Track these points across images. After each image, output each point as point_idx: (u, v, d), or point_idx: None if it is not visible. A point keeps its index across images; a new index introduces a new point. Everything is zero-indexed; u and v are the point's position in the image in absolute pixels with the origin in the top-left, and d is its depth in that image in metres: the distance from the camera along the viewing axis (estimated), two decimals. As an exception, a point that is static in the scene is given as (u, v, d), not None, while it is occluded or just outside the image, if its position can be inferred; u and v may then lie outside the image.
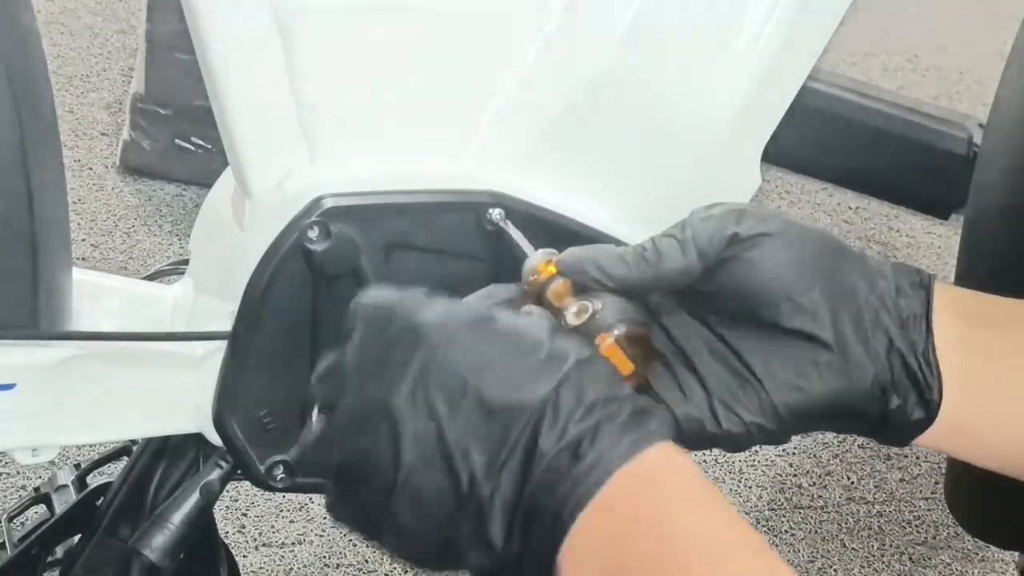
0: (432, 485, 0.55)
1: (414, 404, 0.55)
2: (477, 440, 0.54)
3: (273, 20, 0.65)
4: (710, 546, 0.53)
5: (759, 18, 0.73)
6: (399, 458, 0.55)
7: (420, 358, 0.56)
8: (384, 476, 0.56)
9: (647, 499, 0.54)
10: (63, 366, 0.67)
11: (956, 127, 1.97)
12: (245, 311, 0.68)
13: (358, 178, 0.69)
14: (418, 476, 0.55)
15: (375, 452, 0.56)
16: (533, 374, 0.56)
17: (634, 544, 0.53)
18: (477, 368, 0.55)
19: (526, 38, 0.70)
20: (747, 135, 0.76)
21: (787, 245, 0.64)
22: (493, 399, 0.55)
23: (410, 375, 0.56)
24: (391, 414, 0.55)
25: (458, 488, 0.55)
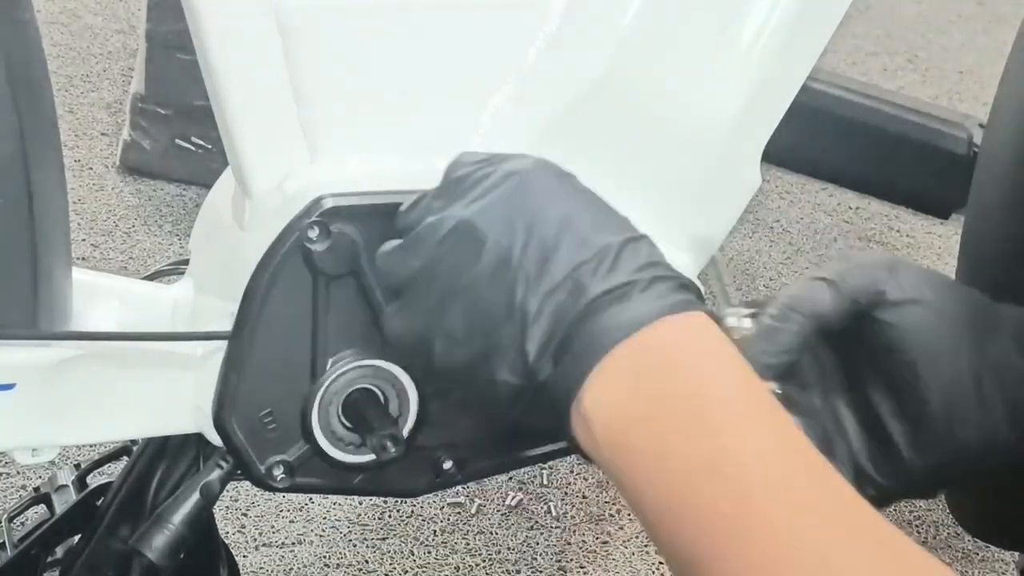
0: (491, 295, 0.59)
1: (494, 220, 0.60)
2: (540, 263, 0.59)
3: (273, 20, 0.65)
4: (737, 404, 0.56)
5: (759, 18, 0.73)
6: (472, 268, 0.60)
7: (508, 182, 0.61)
8: (452, 282, 0.60)
9: (683, 350, 0.58)
10: (63, 366, 0.67)
11: (956, 127, 1.97)
12: (245, 311, 0.68)
13: (358, 178, 0.69)
14: (482, 285, 0.60)
15: (451, 261, 0.61)
16: (607, 224, 0.61)
17: (661, 387, 0.56)
18: (561, 208, 0.60)
19: (526, 38, 0.70)
20: (747, 135, 0.76)
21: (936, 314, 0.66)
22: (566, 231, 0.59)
23: (495, 196, 0.61)
24: (475, 228, 0.60)
25: (512, 299, 0.59)
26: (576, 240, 0.59)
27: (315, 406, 0.70)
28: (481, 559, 1.46)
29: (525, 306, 0.59)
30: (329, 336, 0.69)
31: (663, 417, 0.56)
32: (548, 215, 0.60)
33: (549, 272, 0.59)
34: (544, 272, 0.59)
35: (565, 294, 0.58)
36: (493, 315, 0.59)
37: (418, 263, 0.62)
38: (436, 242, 0.61)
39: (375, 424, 0.69)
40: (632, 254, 0.60)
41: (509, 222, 0.60)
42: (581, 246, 0.59)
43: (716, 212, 0.78)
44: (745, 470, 0.54)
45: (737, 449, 0.54)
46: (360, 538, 1.46)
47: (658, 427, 0.56)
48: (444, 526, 1.49)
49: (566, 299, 0.58)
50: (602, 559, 1.50)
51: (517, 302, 0.59)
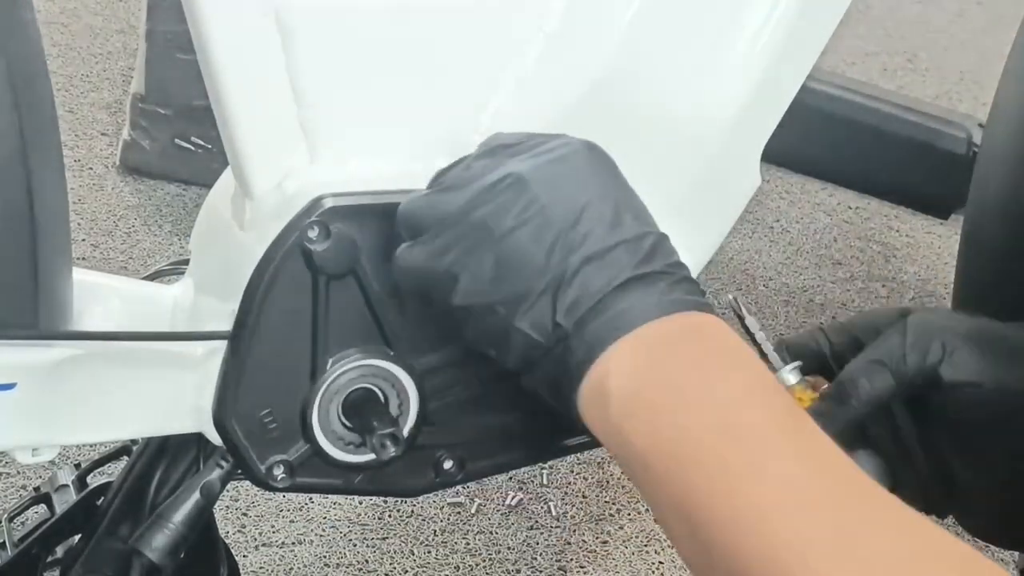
0: (530, 247, 0.61)
1: (549, 183, 0.62)
2: (585, 232, 0.61)
3: (273, 20, 0.65)
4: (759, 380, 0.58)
5: (759, 18, 0.73)
6: (516, 218, 0.61)
7: (567, 153, 0.63)
8: (493, 226, 0.61)
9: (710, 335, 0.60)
10: (63, 366, 0.67)
11: (956, 127, 1.96)
12: (245, 311, 0.68)
13: (358, 178, 0.69)
14: (523, 236, 0.61)
15: (496, 206, 0.62)
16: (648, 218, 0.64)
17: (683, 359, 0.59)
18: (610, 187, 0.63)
19: (526, 38, 0.70)
20: (747, 135, 0.76)
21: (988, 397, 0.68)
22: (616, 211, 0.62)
23: (547, 157, 0.63)
24: (527, 182, 0.62)
25: (550, 257, 0.61)
26: (622, 220, 0.62)
27: (315, 406, 0.70)
28: (481, 559, 1.46)
29: (563, 265, 0.60)
30: (329, 336, 0.70)
31: (680, 384, 0.58)
32: (599, 190, 0.62)
33: (591, 241, 0.61)
34: (587, 240, 0.61)
35: (602, 265, 0.60)
36: (528, 266, 0.61)
37: (459, 202, 0.63)
38: (483, 187, 0.62)
39: (375, 424, 0.69)
40: (666, 250, 0.62)
41: (562, 186, 0.62)
42: (625, 227, 0.61)
43: (716, 212, 0.78)
44: (758, 433, 0.56)
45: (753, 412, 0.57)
46: (360, 538, 1.46)
47: (674, 392, 0.58)
48: (444, 526, 1.49)
49: (603, 270, 0.60)
50: (602, 559, 1.50)
51: (555, 260, 0.60)
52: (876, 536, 0.51)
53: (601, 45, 0.71)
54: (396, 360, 0.71)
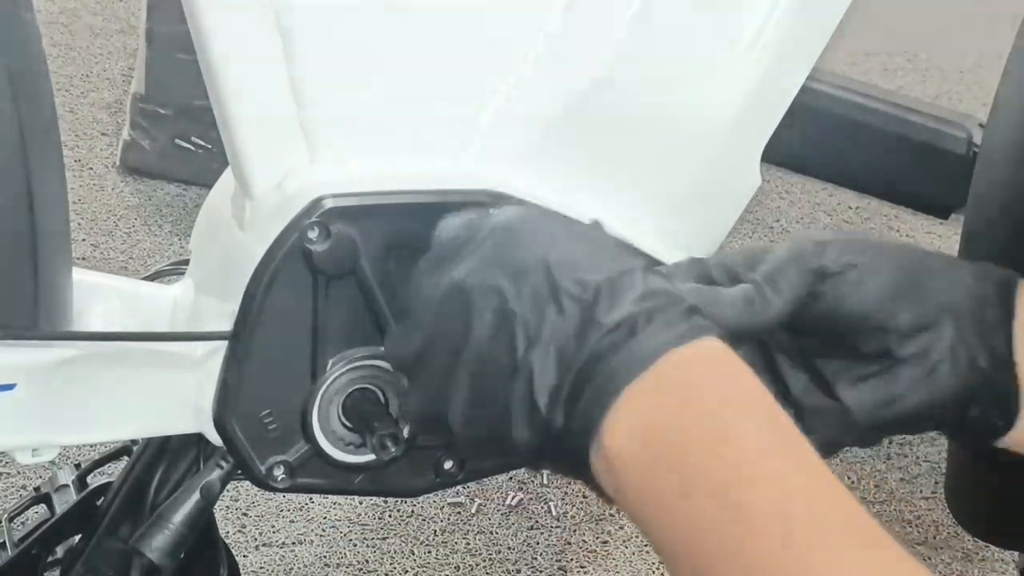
0: (495, 356, 0.58)
1: (484, 279, 0.59)
2: (536, 312, 0.57)
3: (273, 20, 0.65)
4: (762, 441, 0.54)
5: (759, 18, 0.73)
6: (471, 333, 0.58)
7: (493, 237, 0.60)
8: (455, 351, 0.59)
9: (698, 382, 0.56)
10: (63, 366, 0.67)
11: (956, 127, 1.97)
12: (245, 311, 0.68)
13: (358, 178, 0.69)
14: (484, 348, 0.58)
15: (450, 330, 0.59)
16: (599, 260, 0.59)
17: (680, 424, 0.54)
18: (550, 251, 0.59)
19: (526, 38, 0.70)
20: (747, 135, 0.76)
21: (873, 273, 0.65)
22: (557, 275, 0.58)
23: (481, 253, 0.60)
24: (466, 290, 0.59)
25: (515, 355, 0.57)
26: (570, 281, 0.58)
27: (315, 406, 0.70)
28: (481, 559, 1.46)
29: (529, 359, 0.57)
30: (329, 336, 0.69)
31: (684, 457, 0.54)
32: (537, 261, 0.58)
33: (547, 319, 0.57)
34: (542, 320, 0.57)
35: (567, 339, 0.57)
36: (500, 375, 0.58)
37: (419, 340, 0.61)
38: (432, 314, 0.60)
39: (375, 424, 0.69)
40: (629, 286, 0.57)
41: (499, 277, 0.58)
42: (576, 286, 0.57)
43: (716, 212, 0.78)
44: (773, 512, 0.52)
45: (764, 489, 0.52)
46: (360, 538, 1.46)
47: (680, 467, 0.54)
48: (444, 526, 1.49)
49: (569, 344, 0.56)
50: (602, 559, 1.50)
51: (520, 357, 0.57)
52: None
53: (601, 45, 0.71)
54: (396, 360, 0.71)
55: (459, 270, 0.60)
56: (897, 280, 0.65)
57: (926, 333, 0.65)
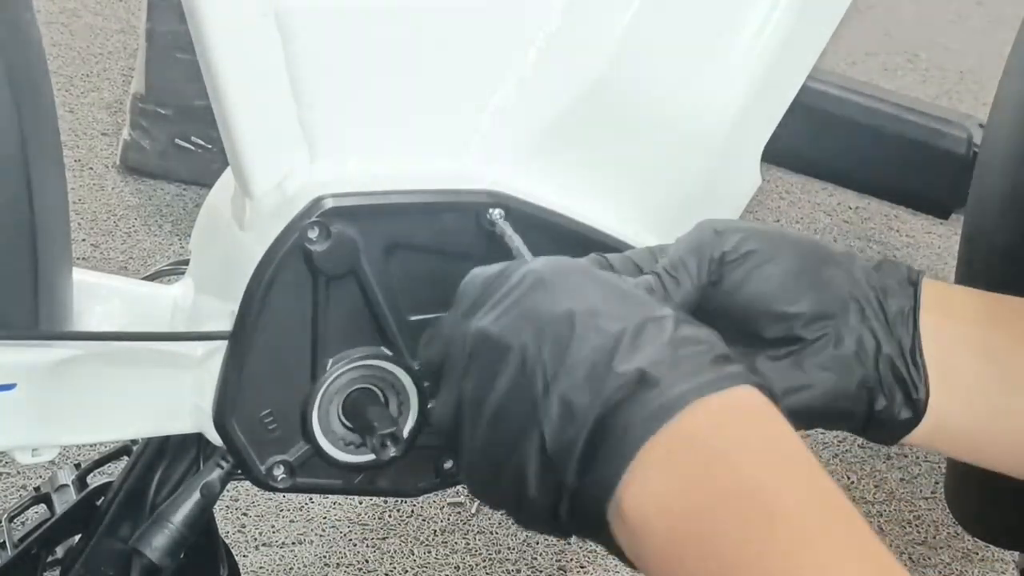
0: (514, 406, 0.54)
1: (508, 328, 0.56)
2: (554, 362, 0.54)
3: (273, 20, 0.65)
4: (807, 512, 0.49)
5: (759, 18, 0.73)
6: (493, 382, 0.55)
7: (521, 286, 0.57)
8: (479, 403, 0.56)
9: (731, 438, 0.51)
10: (63, 366, 0.67)
11: (956, 127, 1.96)
12: (245, 311, 0.68)
13: (358, 178, 0.69)
14: (504, 398, 0.55)
15: (475, 380, 0.56)
16: (625, 309, 0.55)
17: (712, 487, 0.50)
18: (575, 301, 0.55)
19: (526, 38, 0.70)
20: (747, 135, 0.76)
21: (772, 260, 0.65)
22: (578, 325, 0.54)
23: (508, 302, 0.57)
24: (490, 337, 0.56)
25: (533, 407, 0.53)
26: (591, 329, 0.54)
27: (315, 406, 0.70)
28: (481, 559, 1.46)
29: (545, 410, 0.53)
30: (329, 336, 0.70)
31: (720, 526, 0.49)
32: (561, 310, 0.55)
33: (566, 368, 0.53)
34: (561, 369, 0.53)
35: (583, 389, 0.53)
36: (516, 431, 0.54)
37: (453, 396, 0.58)
38: (460, 369, 0.57)
39: (375, 424, 0.69)
40: (654, 333, 0.53)
41: (522, 325, 0.56)
42: (597, 334, 0.54)
43: (716, 212, 0.78)
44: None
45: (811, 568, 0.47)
46: (360, 538, 1.46)
47: (716, 549, 0.49)
48: (444, 526, 1.49)
49: (585, 394, 0.52)
50: (602, 559, 1.50)
51: (537, 407, 0.53)
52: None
53: (601, 45, 0.71)
54: (396, 360, 0.71)
55: (485, 319, 0.57)
56: (798, 266, 0.65)
57: (829, 320, 0.64)
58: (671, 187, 0.75)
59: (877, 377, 0.65)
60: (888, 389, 0.65)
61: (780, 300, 0.64)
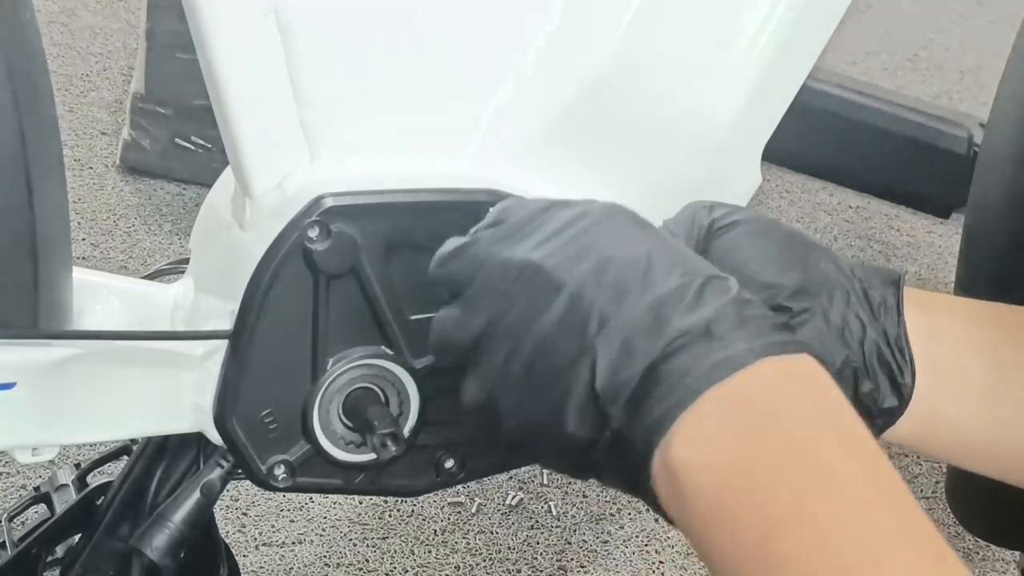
0: (561, 342, 0.54)
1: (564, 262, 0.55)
2: (614, 302, 0.53)
3: (273, 20, 0.65)
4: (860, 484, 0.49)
5: (759, 18, 0.73)
6: (540, 316, 0.54)
7: (580, 224, 0.56)
8: (520, 334, 0.55)
9: (791, 402, 0.51)
10: (63, 365, 0.67)
11: (956, 126, 1.96)
12: (245, 311, 0.68)
13: (358, 177, 0.69)
14: (552, 332, 0.54)
15: (518, 311, 0.55)
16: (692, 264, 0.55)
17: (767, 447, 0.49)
18: (637, 248, 0.55)
19: (526, 37, 0.70)
20: (747, 134, 0.76)
21: (760, 233, 0.65)
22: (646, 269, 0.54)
23: (565, 237, 0.56)
24: (543, 271, 0.55)
25: (583, 343, 0.53)
26: (655, 276, 0.54)
27: (316, 406, 0.70)
28: (481, 558, 1.46)
29: (596, 345, 0.53)
30: (330, 335, 0.69)
31: (771, 483, 0.48)
32: (624, 254, 0.55)
33: (624, 309, 0.53)
34: (619, 309, 0.53)
35: (642, 331, 0.52)
36: (562, 362, 0.54)
37: (482, 320, 0.57)
38: (499, 294, 0.57)
39: (375, 423, 0.69)
40: (718, 290, 0.53)
41: (581, 263, 0.55)
42: (661, 281, 0.53)
43: (716, 211, 0.78)
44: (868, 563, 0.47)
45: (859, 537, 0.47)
46: (360, 537, 1.46)
47: (766, 494, 0.48)
48: (444, 525, 1.49)
49: (643, 336, 0.52)
50: (602, 559, 1.50)
51: (588, 342, 0.53)
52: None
53: (601, 44, 0.71)
54: (396, 360, 0.71)
55: (537, 251, 0.56)
56: (785, 244, 0.65)
57: (814, 297, 0.64)
58: (671, 186, 0.75)
59: (862, 359, 0.64)
60: (873, 372, 0.64)
61: (766, 270, 0.64)
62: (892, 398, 0.65)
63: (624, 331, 0.53)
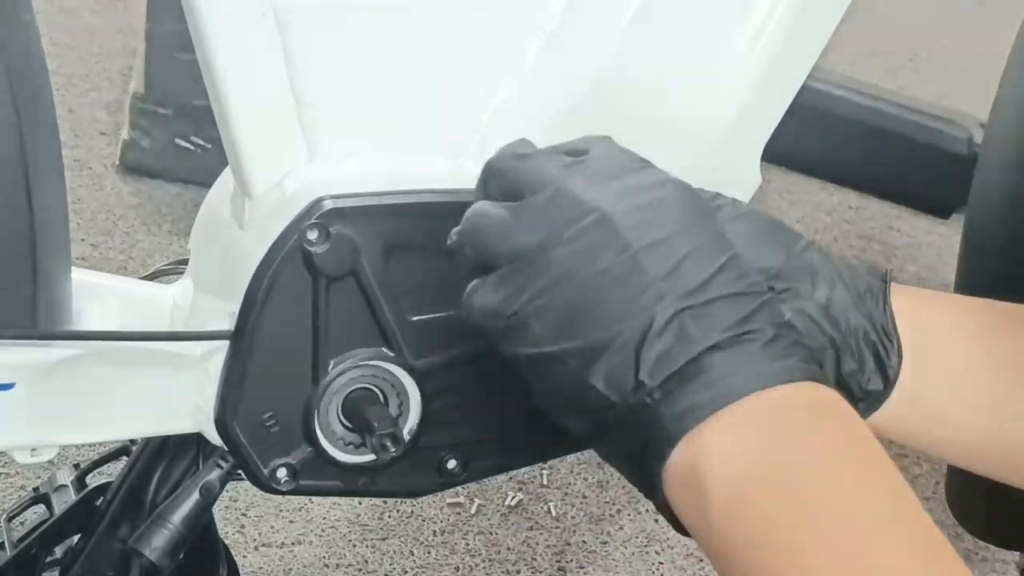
0: (614, 293, 0.53)
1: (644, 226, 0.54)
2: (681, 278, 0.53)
3: (273, 20, 0.65)
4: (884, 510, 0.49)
5: (760, 18, 0.73)
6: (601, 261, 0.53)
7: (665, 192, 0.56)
8: (573, 268, 0.54)
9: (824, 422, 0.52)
10: (63, 366, 0.67)
11: (957, 126, 1.96)
12: (245, 314, 0.68)
13: (358, 178, 0.69)
14: (608, 281, 0.53)
15: (579, 247, 0.54)
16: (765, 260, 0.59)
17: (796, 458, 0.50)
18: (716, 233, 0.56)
19: (526, 37, 0.70)
20: (747, 135, 0.76)
21: (745, 216, 0.65)
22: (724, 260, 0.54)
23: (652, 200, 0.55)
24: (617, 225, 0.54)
25: (636, 302, 0.52)
26: (723, 273, 0.54)
27: (318, 408, 0.70)
28: (481, 559, 1.46)
29: (651, 311, 0.52)
30: (331, 338, 0.69)
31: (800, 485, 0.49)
32: (697, 240, 0.54)
33: (687, 291, 0.53)
34: (680, 289, 0.53)
35: (700, 316, 0.52)
36: (610, 312, 0.53)
37: (535, 238, 0.55)
38: (565, 221, 0.55)
39: (375, 424, 0.69)
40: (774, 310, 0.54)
41: (655, 232, 0.54)
42: (726, 280, 0.53)
43: (716, 212, 0.78)
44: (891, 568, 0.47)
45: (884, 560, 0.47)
46: (360, 538, 1.46)
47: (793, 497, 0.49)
48: (444, 526, 1.49)
49: (699, 323, 0.52)
50: (602, 559, 1.50)
51: (642, 305, 0.52)
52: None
53: (601, 44, 0.71)
54: (397, 361, 0.71)
55: (618, 203, 0.55)
56: (771, 229, 0.65)
57: (797, 281, 0.64)
58: (671, 187, 0.75)
59: (845, 339, 0.64)
60: (858, 352, 0.64)
61: (748, 252, 0.64)
62: (877, 380, 0.64)
63: (683, 312, 0.52)
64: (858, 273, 0.66)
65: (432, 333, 0.71)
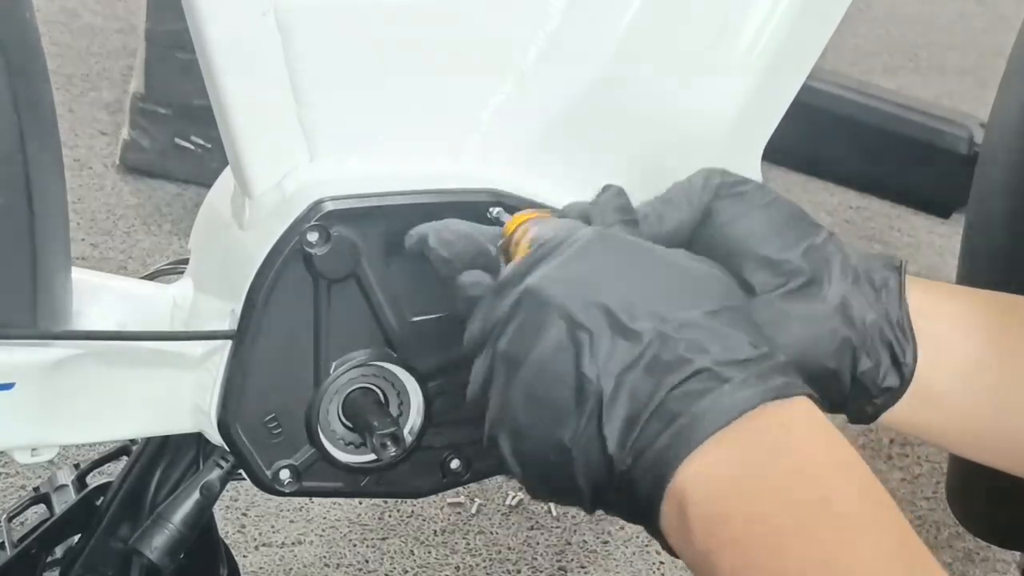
0: (557, 374, 0.53)
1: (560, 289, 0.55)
2: (612, 337, 0.53)
3: (273, 19, 0.65)
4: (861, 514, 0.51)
5: (759, 18, 0.73)
6: (535, 343, 0.54)
7: (576, 249, 0.56)
8: (516, 362, 0.55)
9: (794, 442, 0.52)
10: (63, 366, 0.67)
11: (957, 126, 1.96)
12: (247, 316, 0.68)
13: (358, 178, 0.69)
14: (547, 362, 0.54)
15: (514, 338, 0.55)
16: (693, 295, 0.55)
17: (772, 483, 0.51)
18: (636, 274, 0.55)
19: (526, 37, 0.70)
20: (747, 135, 0.76)
21: (765, 206, 0.64)
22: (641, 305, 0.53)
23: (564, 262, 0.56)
24: (537, 295, 0.55)
25: (580, 380, 0.53)
26: (655, 310, 0.53)
27: (320, 409, 0.70)
28: (481, 559, 1.46)
29: (598, 386, 0.52)
30: (332, 339, 0.69)
31: (776, 516, 0.50)
32: (621, 281, 0.55)
33: (623, 347, 0.53)
34: (617, 346, 0.53)
35: (644, 373, 0.52)
36: (560, 398, 0.53)
37: (478, 334, 0.58)
38: (500, 316, 0.56)
39: (375, 423, 0.69)
40: (724, 327, 0.54)
41: (573, 288, 0.54)
42: (660, 318, 0.53)
43: (717, 212, 0.78)
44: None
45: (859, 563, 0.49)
46: (360, 538, 1.46)
47: (770, 527, 0.50)
48: (444, 526, 1.49)
49: (645, 379, 0.52)
50: (602, 559, 1.50)
51: (588, 381, 0.52)
52: None
53: (601, 45, 0.71)
54: (398, 362, 0.71)
55: (533, 277, 0.56)
56: (790, 221, 0.65)
57: (815, 276, 0.64)
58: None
59: (862, 337, 0.64)
60: (873, 350, 0.64)
61: (768, 245, 0.63)
62: (893, 377, 0.64)
63: (627, 372, 0.52)
64: (874, 266, 0.66)
65: (433, 333, 0.71)
